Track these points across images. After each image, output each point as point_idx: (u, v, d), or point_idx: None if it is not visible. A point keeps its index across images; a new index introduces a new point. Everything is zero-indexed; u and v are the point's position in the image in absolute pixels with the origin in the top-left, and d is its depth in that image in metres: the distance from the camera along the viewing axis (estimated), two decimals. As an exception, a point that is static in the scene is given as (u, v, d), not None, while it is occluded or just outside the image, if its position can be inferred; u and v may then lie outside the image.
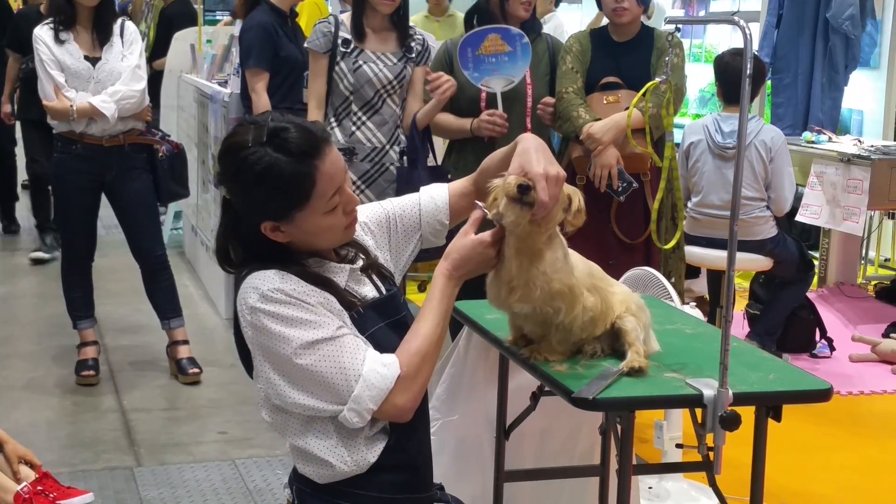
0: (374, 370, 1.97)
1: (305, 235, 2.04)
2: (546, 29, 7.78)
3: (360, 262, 2.15)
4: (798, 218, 5.86)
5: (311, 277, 2.02)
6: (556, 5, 8.85)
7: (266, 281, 1.98)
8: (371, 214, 2.27)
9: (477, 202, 2.21)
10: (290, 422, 2.06)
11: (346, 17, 4.40)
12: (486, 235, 2.17)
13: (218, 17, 10.07)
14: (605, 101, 4.13)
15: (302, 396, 1.98)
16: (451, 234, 2.34)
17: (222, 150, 2.04)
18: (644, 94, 3.61)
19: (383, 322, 2.11)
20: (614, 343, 2.40)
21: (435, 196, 2.32)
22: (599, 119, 4.10)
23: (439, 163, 4.57)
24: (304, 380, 1.97)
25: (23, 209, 8.24)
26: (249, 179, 1.98)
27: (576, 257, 2.33)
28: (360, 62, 4.29)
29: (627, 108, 3.92)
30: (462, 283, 2.17)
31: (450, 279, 2.13)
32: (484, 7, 4.31)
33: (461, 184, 2.32)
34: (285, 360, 1.97)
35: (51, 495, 3.35)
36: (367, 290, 2.14)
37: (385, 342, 2.06)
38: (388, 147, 4.35)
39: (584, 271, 2.32)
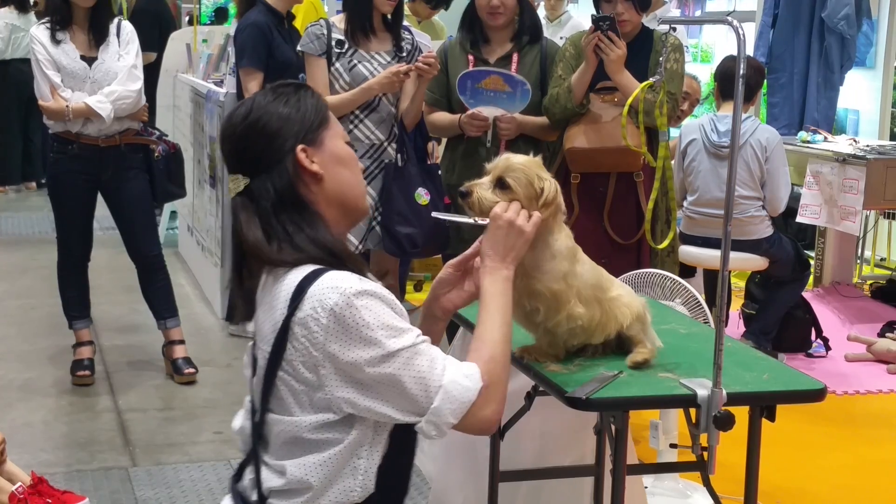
0: (456, 381, 1.86)
1: (336, 165, 1.99)
2: (563, 32, 7.73)
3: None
4: (798, 219, 5.86)
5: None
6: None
7: (346, 281, 1.86)
8: None
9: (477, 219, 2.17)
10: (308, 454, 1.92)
11: (336, 20, 4.42)
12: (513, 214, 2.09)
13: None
14: (601, 101, 4.12)
15: (376, 403, 1.86)
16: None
17: (234, 119, 2.00)
18: (638, 94, 3.61)
19: None
20: (618, 347, 2.40)
21: None
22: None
23: (436, 161, 4.63)
24: (381, 387, 1.85)
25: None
26: (274, 108, 1.97)
27: (586, 266, 2.31)
28: (356, 62, 4.31)
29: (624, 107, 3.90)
30: (512, 275, 2.07)
31: (492, 274, 2.05)
32: (469, 12, 4.34)
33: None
34: (365, 364, 1.84)
35: (48, 500, 3.35)
36: None
37: None
38: (386, 144, 4.38)
39: (590, 282, 2.30)
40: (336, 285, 1.85)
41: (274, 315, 1.91)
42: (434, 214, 2.25)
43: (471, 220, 2.17)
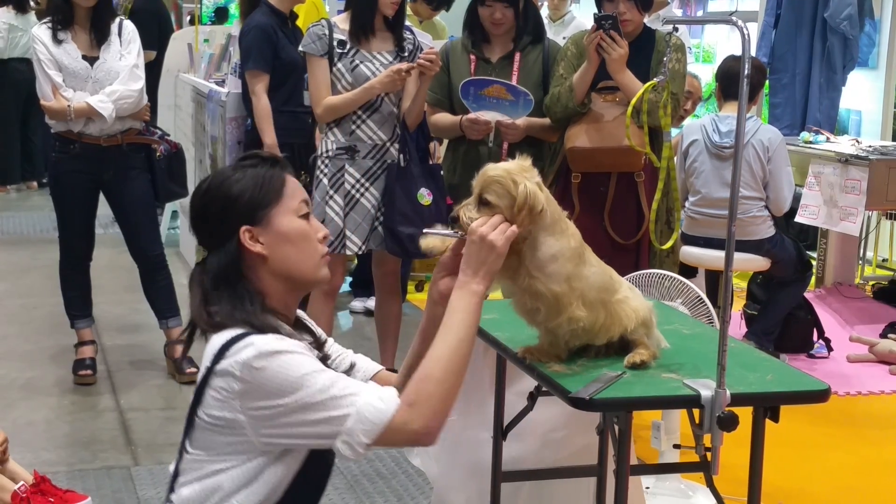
0: (370, 404, 1.94)
1: (283, 245, 2.07)
2: (566, 32, 7.73)
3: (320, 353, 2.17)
4: (797, 219, 5.86)
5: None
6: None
7: (263, 340, 1.97)
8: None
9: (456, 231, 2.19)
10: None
11: (338, 20, 4.42)
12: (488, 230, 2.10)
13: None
14: (603, 100, 4.12)
15: (292, 440, 1.98)
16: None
17: (197, 192, 2.14)
18: (642, 95, 3.61)
19: None
20: (621, 349, 2.40)
21: (368, 365, 2.35)
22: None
23: (437, 161, 4.62)
24: (295, 428, 1.96)
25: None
26: (227, 186, 2.09)
27: (594, 269, 2.30)
28: (357, 62, 4.32)
29: (626, 107, 3.90)
30: (485, 290, 2.09)
31: (461, 289, 2.06)
32: (471, 12, 4.34)
33: (388, 376, 2.31)
34: (279, 407, 1.95)
35: (50, 499, 3.35)
36: None
37: None
38: (388, 144, 4.38)
39: (595, 285, 2.29)
40: (253, 343, 1.97)
41: (203, 365, 2.05)
42: (424, 232, 2.26)
43: (457, 236, 2.17)
